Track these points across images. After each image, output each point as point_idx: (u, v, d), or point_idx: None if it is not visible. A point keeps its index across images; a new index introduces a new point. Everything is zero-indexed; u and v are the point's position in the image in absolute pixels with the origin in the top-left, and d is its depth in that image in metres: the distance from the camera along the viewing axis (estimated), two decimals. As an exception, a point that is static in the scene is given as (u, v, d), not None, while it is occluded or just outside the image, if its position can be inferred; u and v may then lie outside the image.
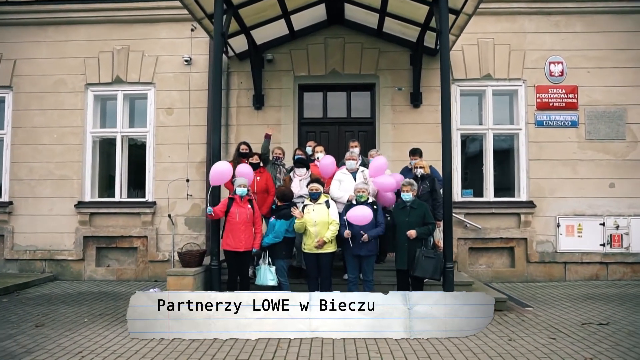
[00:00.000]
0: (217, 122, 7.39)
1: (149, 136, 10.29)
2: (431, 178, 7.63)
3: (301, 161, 7.77)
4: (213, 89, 7.65)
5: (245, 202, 7.01)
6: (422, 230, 6.73)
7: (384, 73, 10.12)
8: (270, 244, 6.90)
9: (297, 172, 7.74)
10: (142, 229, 10.06)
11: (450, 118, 7.24)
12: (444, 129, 7.16)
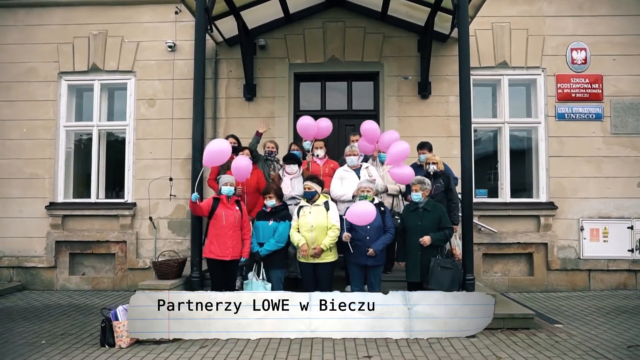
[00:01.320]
0: (199, 111, 6.48)
1: (129, 130, 9.30)
2: (445, 176, 6.69)
3: (291, 157, 6.79)
4: (196, 72, 6.71)
5: (233, 203, 6.05)
6: (437, 236, 5.78)
7: (388, 60, 9.17)
8: (273, 251, 5.97)
9: (287, 170, 6.77)
10: (121, 233, 9.07)
11: (470, 106, 6.33)
12: (463, 118, 6.25)
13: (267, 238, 6.02)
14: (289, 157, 6.82)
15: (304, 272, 6.05)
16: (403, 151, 6.36)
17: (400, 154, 6.36)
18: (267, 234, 6.03)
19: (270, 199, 6.13)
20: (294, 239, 5.98)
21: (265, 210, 6.20)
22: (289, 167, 6.75)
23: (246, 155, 6.89)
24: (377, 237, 5.86)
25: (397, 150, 6.35)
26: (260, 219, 6.16)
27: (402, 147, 6.38)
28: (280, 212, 6.16)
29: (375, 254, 5.80)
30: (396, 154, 6.36)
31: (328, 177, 6.81)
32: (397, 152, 6.36)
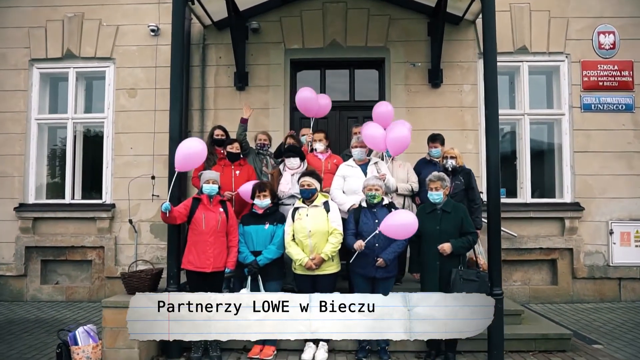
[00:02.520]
0: (176, 94, 5.55)
1: (107, 123, 8.38)
2: (466, 172, 5.80)
3: (293, 149, 5.87)
4: (173, 44, 5.77)
5: (216, 204, 5.14)
6: (459, 243, 4.87)
7: (395, 45, 8.25)
8: (273, 259, 5.11)
9: (288, 165, 5.85)
10: (98, 237, 8.15)
11: (496, 89, 5.39)
12: (489, 103, 5.34)
13: (263, 245, 5.12)
14: (290, 149, 5.90)
15: (301, 286, 5.14)
16: (402, 139, 5.51)
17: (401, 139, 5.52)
18: (263, 240, 5.14)
19: (264, 197, 5.21)
20: (292, 253, 5.08)
21: (255, 213, 5.25)
22: (290, 162, 5.82)
23: (236, 149, 5.99)
24: (388, 244, 4.95)
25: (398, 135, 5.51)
26: (249, 223, 5.22)
27: (401, 134, 5.52)
28: (275, 214, 5.27)
29: (386, 264, 4.89)
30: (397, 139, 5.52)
31: (330, 175, 5.91)
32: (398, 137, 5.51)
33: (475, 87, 8.13)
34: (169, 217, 4.95)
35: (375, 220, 4.98)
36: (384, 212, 4.99)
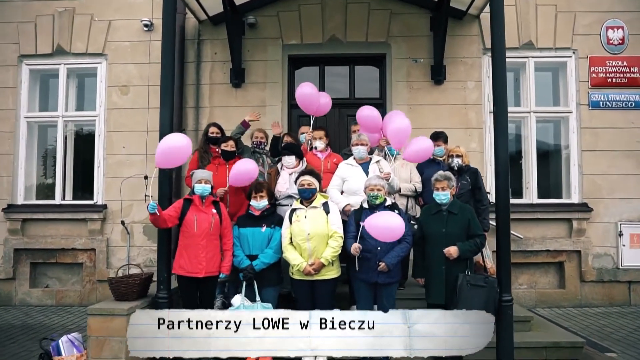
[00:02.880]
0: (167, 87, 5.24)
1: (99, 121, 8.10)
2: (473, 171, 5.53)
3: (291, 147, 5.59)
4: (164, 38, 5.47)
5: (209, 205, 4.86)
6: (466, 246, 4.59)
7: (397, 41, 7.98)
8: (270, 264, 4.81)
9: (284, 163, 5.57)
10: (89, 239, 7.87)
11: (505, 84, 5.19)
12: (497, 99, 5.09)
13: (260, 248, 4.83)
14: (286, 147, 5.62)
15: (299, 292, 4.85)
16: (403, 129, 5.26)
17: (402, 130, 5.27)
18: (260, 244, 4.84)
19: (261, 198, 4.93)
20: (289, 257, 4.78)
21: (252, 214, 4.96)
22: (287, 160, 5.53)
23: (231, 147, 5.72)
24: (390, 247, 4.67)
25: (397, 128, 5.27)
26: (245, 226, 4.93)
27: (402, 124, 5.28)
28: (273, 216, 4.99)
29: (388, 268, 4.60)
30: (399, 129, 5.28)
31: (330, 175, 5.63)
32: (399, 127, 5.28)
33: (480, 83, 7.87)
34: (158, 220, 4.66)
35: (377, 222, 4.70)
36: (386, 213, 4.71)
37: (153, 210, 4.54)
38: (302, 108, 6.06)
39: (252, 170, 5.22)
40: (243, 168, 5.20)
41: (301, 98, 5.91)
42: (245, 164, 5.26)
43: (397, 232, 4.46)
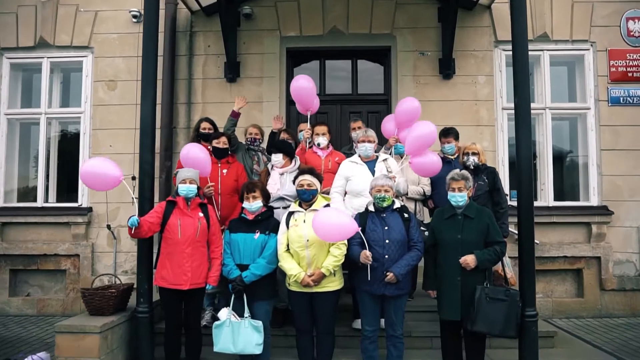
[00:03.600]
0: (149, 81, 4.76)
1: (84, 119, 7.59)
2: (490, 171, 5.02)
3: (278, 145, 5.07)
4: (146, 26, 5.01)
5: (195, 208, 4.34)
6: (485, 254, 4.06)
7: (402, 33, 7.46)
8: (262, 276, 4.22)
9: (272, 162, 5.08)
10: (73, 244, 7.34)
11: (527, 75, 4.73)
12: (519, 92, 4.59)
13: (252, 257, 4.24)
14: (274, 144, 5.11)
15: (296, 305, 4.32)
16: (428, 135, 4.72)
17: (424, 139, 4.73)
18: (251, 252, 4.26)
19: (254, 199, 4.36)
20: (285, 267, 4.24)
21: (245, 218, 4.41)
22: (275, 158, 5.02)
23: (223, 144, 5.20)
24: (399, 255, 4.15)
25: (420, 134, 4.71)
26: (237, 231, 4.36)
27: (427, 130, 4.74)
28: (268, 220, 4.42)
29: (397, 279, 4.08)
30: (419, 139, 4.72)
31: (331, 175, 5.12)
32: (420, 136, 4.72)
33: (492, 78, 7.37)
34: (140, 231, 4.13)
35: (384, 227, 4.18)
36: (395, 217, 4.20)
37: (133, 225, 4.00)
38: (298, 104, 5.54)
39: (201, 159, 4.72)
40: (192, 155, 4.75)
41: (297, 92, 5.38)
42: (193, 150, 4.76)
43: (346, 231, 3.97)
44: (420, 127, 4.82)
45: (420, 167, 4.85)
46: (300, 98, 5.42)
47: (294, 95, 5.47)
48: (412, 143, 4.78)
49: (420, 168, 4.86)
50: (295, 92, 5.40)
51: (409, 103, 5.33)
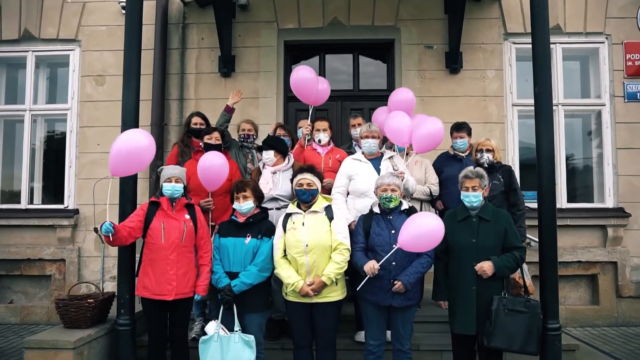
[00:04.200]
0: (132, 70, 4.40)
1: (71, 116, 7.19)
2: (506, 169, 4.63)
3: (269, 141, 4.65)
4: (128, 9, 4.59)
5: (181, 209, 3.93)
6: (503, 261, 3.66)
7: (407, 25, 7.08)
8: (253, 285, 3.79)
9: (263, 160, 4.66)
10: (59, 248, 6.94)
11: (549, 67, 4.31)
12: (539, 81, 4.24)
13: (242, 264, 3.82)
14: (265, 140, 4.68)
15: (294, 317, 3.91)
16: (436, 133, 4.35)
17: (430, 139, 4.37)
18: (242, 258, 3.83)
19: (245, 199, 3.93)
20: (282, 275, 3.83)
21: (235, 221, 3.99)
22: (265, 156, 4.60)
23: (216, 140, 4.79)
24: (408, 262, 3.76)
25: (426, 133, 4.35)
26: (227, 234, 3.94)
27: (434, 128, 4.38)
28: (261, 223, 3.99)
29: (406, 288, 3.68)
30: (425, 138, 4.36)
31: (332, 174, 4.72)
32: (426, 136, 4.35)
33: (501, 72, 6.99)
34: (116, 239, 3.72)
35: (391, 230, 3.78)
36: (402, 219, 3.78)
37: (108, 232, 3.59)
38: (298, 96, 5.14)
39: (218, 166, 4.31)
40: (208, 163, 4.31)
41: (297, 84, 4.98)
42: (211, 158, 4.35)
43: (436, 237, 3.57)
44: (427, 124, 4.44)
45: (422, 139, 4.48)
46: (301, 91, 5.00)
47: (294, 88, 5.06)
48: (418, 142, 4.41)
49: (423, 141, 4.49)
50: (296, 84, 4.99)
51: (403, 94, 4.97)
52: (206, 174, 4.32)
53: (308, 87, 4.91)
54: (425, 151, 4.55)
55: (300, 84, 4.91)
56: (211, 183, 4.33)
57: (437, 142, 4.49)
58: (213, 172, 4.29)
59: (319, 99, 5.15)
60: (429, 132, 4.39)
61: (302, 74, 4.91)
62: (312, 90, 4.94)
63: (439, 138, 4.44)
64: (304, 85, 4.90)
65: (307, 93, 4.95)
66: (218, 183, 4.30)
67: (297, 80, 4.91)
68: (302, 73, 4.92)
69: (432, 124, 4.44)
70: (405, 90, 5.14)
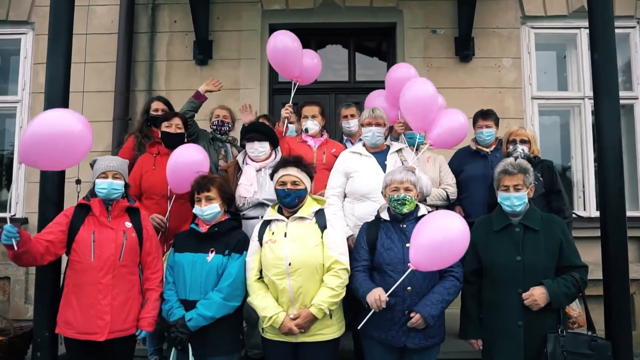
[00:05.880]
0: (62, 8, 3.53)
1: (21, 109, 6.22)
2: (547, 165, 3.69)
3: (257, 128, 3.66)
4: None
5: (120, 215, 2.93)
6: (561, 287, 2.72)
7: (410, 7, 6.18)
8: (215, 318, 2.78)
9: (250, 153, 3.64)
10: (3, 265, 5.91)
11: (614, 54, 3.58)
12: (599, 46, 3.46)
13: (202, 290, 2.83)
14: (252, 127, 3.69)
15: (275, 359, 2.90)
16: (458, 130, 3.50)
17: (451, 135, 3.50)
18: (202, 281, 2.84)
19: (208, 201, 2.96)
20: (257, 304, 2.84)
21: (196, 230, 2.99)
22: (252, 148, 3.61)
23: (176, 128, 3.79)
24: (428, 286, 2.79)
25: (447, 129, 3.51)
26: (184, 249, 2.96)
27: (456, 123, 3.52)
28: (230, 234, 2.98)
29: (427, 323, 2.69)
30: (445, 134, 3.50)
31: (326, 172, 3.74)
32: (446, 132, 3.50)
33: (519, 61, 6.11)
34: (24, 255, 2.66)
35: (405, 243, 2.80)
36: (419, 229, 2.80)
37: (9, 241, 2.55)
38: (278, 69, 4.23)
39: (198, 162, 3.32)
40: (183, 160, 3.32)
41: (276, 53, 4.05)
42: (189, 151, 3.37)
43: (460, 245, 2.62)
44: (446, 119, 3.56)
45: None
46: (280, 62, 4.07)
47: (272, 58, 4.13)
48: (436, 139, 3.51)
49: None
50: (274, 53, 4.06)
51: (404, 70, 4.08)
52: (179, 173, 3.32)
53: (288, 59, 3.98)
54: (444, 146, 3.64)
55: (280, 54, 3.99)
56: (181, 184, 3.32)
57: (461, 138, 3.62)
58: (188, 171, 3.27)
59: (304, 75, 4.21)
60: (452, 125, 3.52)
61: (280, 41, 3.99)
62: (294, 64, 4.01)
63: (463, 132, 3.55)
64: (284, 55, 3.99)
65: (286, 65, 4.03)
66: (188, 184, 3.31)
67: (276, 49, 3.99)
68: (280, 39, 4.00)
69: (455, 115, 3.55)
70: (405, 67, 4.22)
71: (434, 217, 2.76)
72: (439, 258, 2.66)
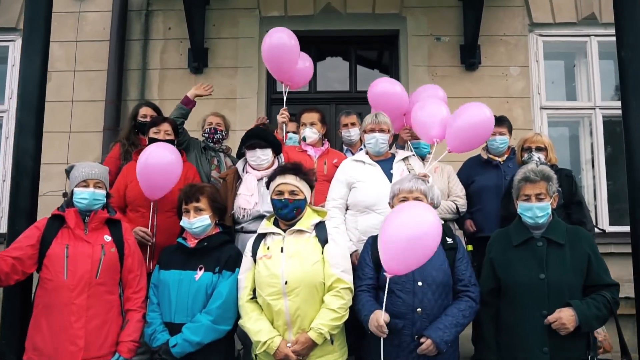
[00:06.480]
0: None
1: (7, 119, 5.98)
2: (566, 174, 3.44)
3: (259, 134, 3.39)
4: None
5: (98, 227, 2.65)
6: (591, 308, 2.45)
7: (414, 13, 6.00)
8: (203, 344, 2.51)
9: (251, 161, 3.36)
10: (-15, 282, 5.63)
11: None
12: (623, 39, 3.23)
13: (189, 312, 2.56)
14: (254, 134, 3.41)
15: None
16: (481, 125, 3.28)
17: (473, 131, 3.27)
18: (189, 302, 2.57)
19: (197, 213, 2.71)
20: (250, 328, 2.55)
21: (183, 245, 2.72)
22: (253, 156, 3.33)
23: (165, 134, 3.52)
24: (441, 307, 2.50)
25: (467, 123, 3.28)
26: (169, 266, 2.69)
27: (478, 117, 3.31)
28: (221, 250, 2.72)
29: (439, 350, 2.41)
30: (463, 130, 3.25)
31: (327, 184, 3.47)
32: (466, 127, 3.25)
33: (527, 70, 5.90)
34: None
35: (417, 260, 2.52)
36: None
37: None
38: (271, 69, 4.01)
39: (165, 163, 3.08)
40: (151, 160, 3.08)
41: (272, 50, 3.84)
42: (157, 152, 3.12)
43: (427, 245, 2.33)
44: (467, 113, 3.35)
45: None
46: (275, 61, 3.86)
47: (266, 56, 3.92)
48: (454, 136, 3.26)
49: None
50: (270, 51, 3.85)
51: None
52: (149, 175, 3.06)
53: (285, 58, 3.77)
54: (463, 149, 3.41)
55: (276, 51, 3.76)
56: (154, 188, 3.05)
57: (484, 137, 3.50)
58: (158, 172, 3.02)
59: (294, 78, 4.00)
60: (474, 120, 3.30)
61: (277, 38, 3.78)
62: (290, 62, 3.80)
63: (487, 129, 3.34)
64: (280, 53, 3.77)
65: (281, 65, 3.81)
66: (163, 189, 3.02)
67: (272, 46, 3.77)
68: (277, 36, 3.79)
69: (478, 109, 3.33)
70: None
71: (404, 208, 2.47)
72: (414, 256, 2.33)
